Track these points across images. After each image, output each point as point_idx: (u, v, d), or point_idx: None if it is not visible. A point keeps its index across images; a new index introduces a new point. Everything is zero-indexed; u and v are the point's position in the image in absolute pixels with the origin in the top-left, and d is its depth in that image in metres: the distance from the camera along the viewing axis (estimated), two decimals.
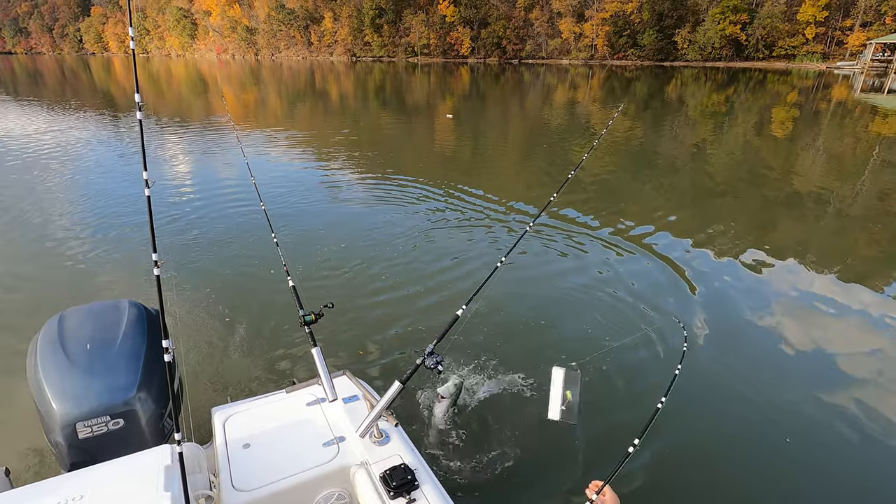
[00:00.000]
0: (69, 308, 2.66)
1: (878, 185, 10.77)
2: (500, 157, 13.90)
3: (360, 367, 4.43)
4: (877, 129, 18.00)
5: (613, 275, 6.36)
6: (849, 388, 4.40)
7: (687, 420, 3.92)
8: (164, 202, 9.05)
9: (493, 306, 5.33)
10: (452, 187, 10.12)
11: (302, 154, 13.81)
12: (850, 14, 55.24)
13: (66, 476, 1.98)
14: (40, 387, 2.29)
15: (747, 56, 60.03)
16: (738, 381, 4.44)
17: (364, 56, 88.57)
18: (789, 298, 5.95)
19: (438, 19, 78.37)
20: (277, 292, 5.63)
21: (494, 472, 3.38)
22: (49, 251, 7.09)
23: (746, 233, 7.96)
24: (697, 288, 6.09)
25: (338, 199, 9.51)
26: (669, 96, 30.77)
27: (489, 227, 7.97)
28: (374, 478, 2.10)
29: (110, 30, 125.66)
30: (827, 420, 4.02)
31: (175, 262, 6.55)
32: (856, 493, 3.43)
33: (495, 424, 3.78)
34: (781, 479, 3.47)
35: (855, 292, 6.08)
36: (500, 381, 4.22)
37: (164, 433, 2.46)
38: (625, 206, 9.13)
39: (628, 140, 15.90)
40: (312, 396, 2.60)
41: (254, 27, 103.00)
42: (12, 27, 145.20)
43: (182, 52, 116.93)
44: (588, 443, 3.61)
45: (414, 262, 6.65)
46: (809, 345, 5.03)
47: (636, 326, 5.16)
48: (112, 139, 16.24)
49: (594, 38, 68.23)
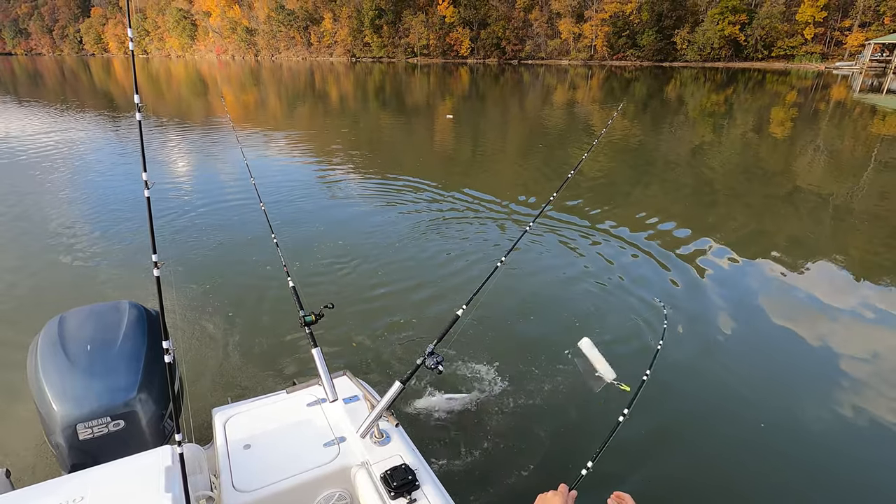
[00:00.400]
0: (69, 309, 2.66)
1: (878, 184, 10.79)
2: (499, 157, 13.91)
3: (361, 367, 4.44)
4: (876, 130, 18.01)
5: (612, 273, 6.38)
6: (828, 370, 4.58)
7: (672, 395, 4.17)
8: (164, 203, 9.04)
9: (493, 306, 5.34)
10: (452, 188, 10.12)
11: (301, 154, 13.82)
12: (849, 14, 55.28)
13: (67, 477, 1.98)
14: (41, 388, 2.29)
15: (746, 56, 60.05)
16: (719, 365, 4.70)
17: (363, 57, 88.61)
18: (777, 290, 6.09)
19: (438, 20, 78.39)
20: (277, 293, 5.64)
21: (496, 471, 3.38)
22: (49, 252, 7.09)
23: (747, 231, 7.99)
24: (702, 285, 6.13)
25: (337, 200, 9.51)
26: (668, 96, 30.80)
27: (489, 228, 7.97)
28: (374, 478, 2.09)
29: (110, 31, 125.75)
30: (802, 404, 4.15)
31: (175, 262, 6.55)
32: (835, 477, 3.53)
33: (495, 424, 3.78)
34: (763, 465, 3.50)
35: (841, 284, 6.16)
36: (500, 381, 4.23)
37: (165, 434, 2.45)
38: (624, 205, 9.14)
39: (627, 140, 15.91)
40: (313, 397, 2.60)
41: (254, 28, 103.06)
42: (12, 28, 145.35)
43: (182, 53, 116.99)
44: (592, 438, 3.62)
45: (414, 263, 6.66)
46: (796, 331, 5.13)
47: (627, 317, 5.33)
48: (112, 140, 16.25)
49: (593, 39, 68.26)
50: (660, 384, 4.04)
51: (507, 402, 4.01)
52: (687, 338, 5.07)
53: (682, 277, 6.40)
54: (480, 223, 8.16)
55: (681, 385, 4.37)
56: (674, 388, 4.29)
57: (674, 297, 5.94)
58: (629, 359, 4.61)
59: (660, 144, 15.59)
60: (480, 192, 9.87)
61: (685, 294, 6.03)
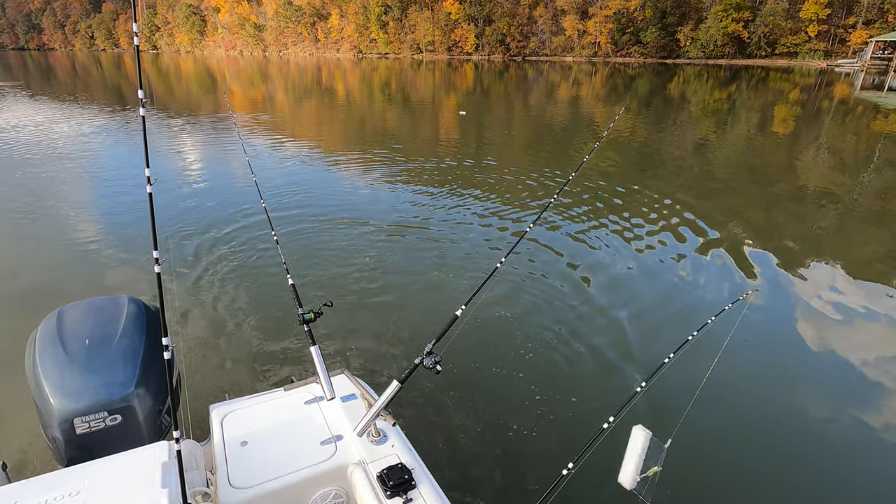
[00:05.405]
0: (68, 303, 2.66)
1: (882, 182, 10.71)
2: (503, 156, 13.85)
3: (359, 366, 4.44)
4: (879, 128, 17.87)
5: (610, 271, 6.38)
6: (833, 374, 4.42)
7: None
8: (165, 199, 9.07)
9: (493, 306, 5.32)
10: (455, 187, 10.11)
11: (304, 151, 13.81)
12: (853, 11, 54.82)
13: (64, 471, 1.98)
14: (38, 382, 2.29)
15: (749, 54, 59.62)
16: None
17: (370, 53, 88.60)
18: (782, 291, 5.99)
19: (443, 16, 78.20)
20: (277, 290, 5.64)
21: (494, 471, 3.37)
22: (49, 246, 7.12)
23: (747, 230, 7.93)
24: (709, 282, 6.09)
25: (339, 198, 9.50)
26: (672, 94, 30.65)
27: (490, 228, 7.95)
28: (371, 477, 2.09)
29: (121, 26, 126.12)
30: (805, 406, 4.05)
31: (175, 258, 6.56)
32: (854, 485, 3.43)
33: (495, 424, 3.77)
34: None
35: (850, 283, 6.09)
36: (500, 381, 4.22)
37: (162, 430, 2.45)
38: (625, 205, 9.08)
39: (632, 137, 15.84)
40: (311, 395, 2.60)
41: (262, 24, 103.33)
42: (25, 23, 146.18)
43: (191, 48, 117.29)
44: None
45: (414, 262, 6.64)
46: (819, 343, 5.03)
47: (627, 318, 5.23)
48: (118, 134, 16.30)
49: (597, 36, 67.94)
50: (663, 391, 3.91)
51: (507, 403, 4.00)
52: (696, 344, 4.93)
53: (683, 277, 6.37)
54: (482, 223, 8.14)
55: (682, 394, 4.22)
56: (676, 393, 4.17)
57: (676, 298, 5.89)
58: (629, 359, 4.58)
59: (663, 142, 15.51)
60: (482, 192, 9.84)
61: (687, 295, 5.99)
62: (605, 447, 2.05)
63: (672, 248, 7.19)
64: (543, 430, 3.74)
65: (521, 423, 3.80)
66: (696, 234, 7.67)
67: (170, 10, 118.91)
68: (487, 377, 4.30)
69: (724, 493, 3.41)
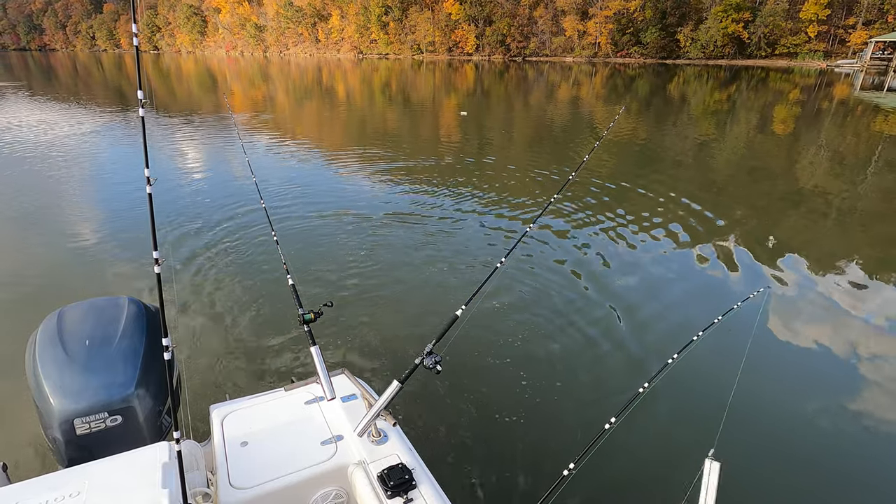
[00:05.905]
0: (68, 304, 2.66)
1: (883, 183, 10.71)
2: (503, 156, 13.85)
3: (359, 366, 4.43)
4: (879, 128, 17.87)
5: (611, 272, 6.37)
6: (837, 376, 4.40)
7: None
8: (165, 199, 9.06)
9: (492, 306, 5.32)
10: (456, 186, 10.10)
11: (304, 151, 13.81)
12: (853, 12, 54.86)
13: (64, 472, 1.98)
14: (38, 383, 2.29)
15: (749, 54, 59.68)
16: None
17: (370, 53, 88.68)
18: (789, 293, 5.97)
19: (444, 17, 78.33)
20: (277, 290, 5.63)
21: (493, 472, 3.37)
22: (49, 247, 7.12)
23: (748, 229, 7.93)
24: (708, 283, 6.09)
25: (339, 198, 9.49)
26: (672, 94, 30.64)
27: (490, 228, 7.95)
28: (371, 477, 2.09)
29: (122, 27, 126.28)
30: (809, 409, 4.02)
31: (175, 259, 6.55)
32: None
33: (495, 424, 3.77)
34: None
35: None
36: (501, 381, 4.21)
37: (163, 430, 2.45)
38: (626, 205, 9.07)
39: (632, 138, 15.84)
40: (311, 395, 2.60)
41: (263, 24, 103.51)
42: (27, 24, 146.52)
43: (192, 48, 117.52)
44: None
45: (414, 262, 6.64)
46: (824, 342, 5.02)
47: (628, 320, 5.22)
48: (118, 134, 16.32)
49: (597, 36, 68.03)
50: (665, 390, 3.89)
51: (507, 402, 4.00)
52: (699, 346, 4.90)
53: (683, 277, 6.37)
54: (482, 223, 8.14)
55: (685, 396, 4.22)
56: (678, 398, 4.18)
57: (678, 299, 5.87)
58: (629, 361, 4.58)
59: (663, 142, 15.51)
60: (483, 192, 9.84)
61: (690, 296, 5.98)
62: (607, 448, 2.04)
63: (674, 249, 7.19)
64: (544, 431, 3.73)
65: (521, 423, 3.79)
66: (697, 235, 7.68)
67: (171, 11, 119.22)
68: (488, 377, 4.29)
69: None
